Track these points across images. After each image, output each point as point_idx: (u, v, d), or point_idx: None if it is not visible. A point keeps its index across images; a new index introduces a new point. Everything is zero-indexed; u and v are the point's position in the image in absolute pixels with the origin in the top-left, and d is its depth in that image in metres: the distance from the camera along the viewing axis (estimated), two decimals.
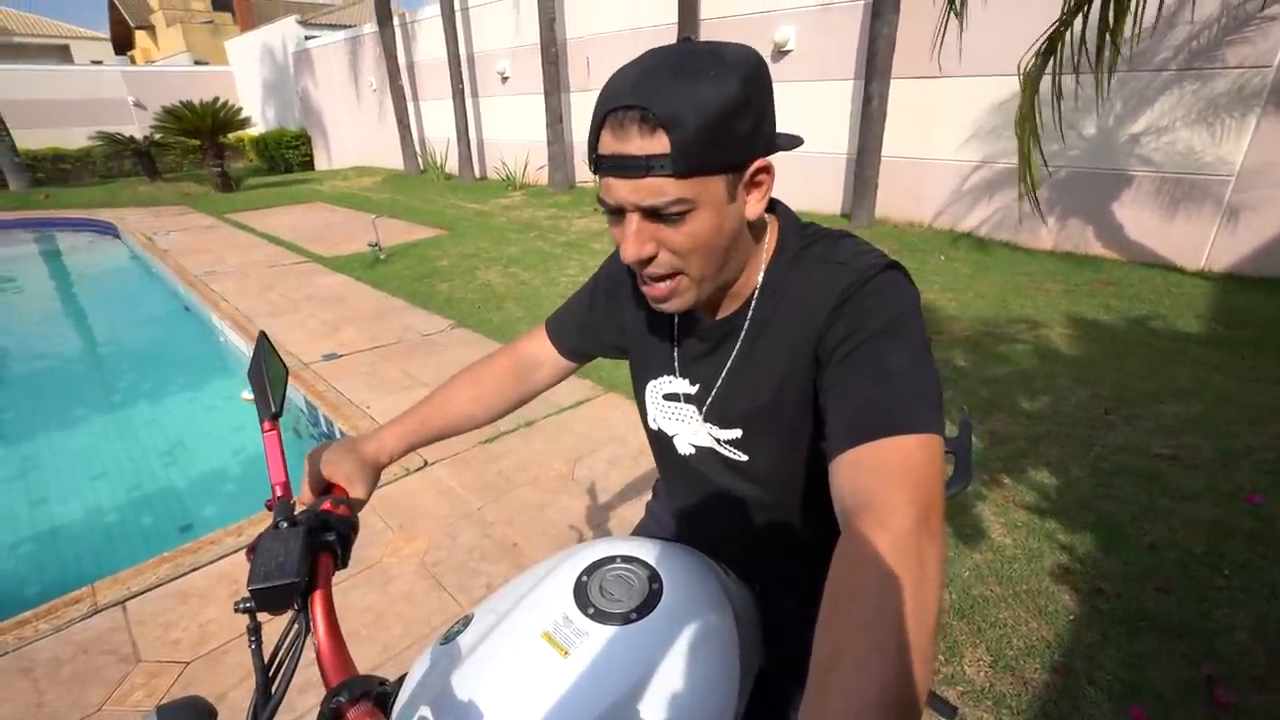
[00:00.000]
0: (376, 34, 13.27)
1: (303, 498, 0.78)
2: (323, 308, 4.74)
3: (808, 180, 7.10)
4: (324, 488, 0.79)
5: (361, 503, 0.79)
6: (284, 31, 17.32)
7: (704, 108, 0.56)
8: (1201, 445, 2.57)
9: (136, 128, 19.63)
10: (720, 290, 0.72)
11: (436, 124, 12.61)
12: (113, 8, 30.51)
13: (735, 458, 0.79)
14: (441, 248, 6.50)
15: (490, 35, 10.68)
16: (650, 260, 0.64)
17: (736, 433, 0.77)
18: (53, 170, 16.69)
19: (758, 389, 0.73)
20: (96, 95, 19.04)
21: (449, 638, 0.73)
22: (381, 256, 5.98)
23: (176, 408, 4.40)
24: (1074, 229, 5.34)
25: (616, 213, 0.63)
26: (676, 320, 0.81)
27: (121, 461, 3.70)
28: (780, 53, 6.89)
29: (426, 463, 2.62)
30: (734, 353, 0.75)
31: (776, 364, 0.71)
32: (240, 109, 12.20)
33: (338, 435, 3.02)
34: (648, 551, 0.76)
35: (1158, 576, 1.91)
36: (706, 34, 7.18)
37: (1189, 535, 2.08)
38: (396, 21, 12.24)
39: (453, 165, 11.91)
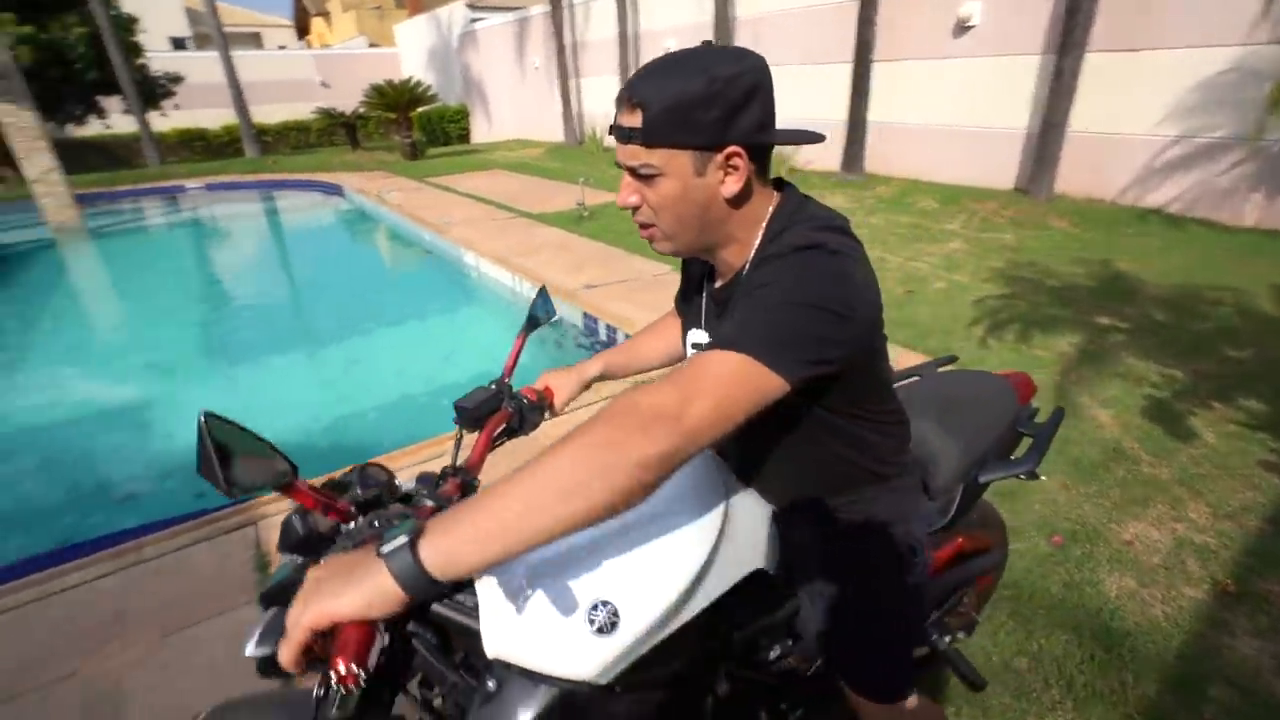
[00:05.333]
0: (543, 15, 14.37)
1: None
2: (557, 253, 5.68)
3: (977, 155, 7.25)
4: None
5: (552, 410, 1.16)
6: (452, 14, 18.92)
7: (667, 96, 0.73)
8: None
9: (322, 104, 22.29)
10: (708, 252, 0.88)
11: (595, 99, 13.55)
12: None
13: None
14: None
15: (657, 14, 11.36)
16: (636, 210, 0.83)
17: None
18: (260, 141, 19.23)
19: None
20: (289, 76, 21.60)
21: None
22: (586, 214, 6.88)
23: (439, 326, 5.51)
24: None
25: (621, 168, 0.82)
26: (706, 284, 0.98)
27: (412, 361, 4.76)
28: (962, 28, 7.05)
29: None
30: (732, 312, 0.87)
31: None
32: (430, 86, 13.71)
33: (619, 339, 3.86)
34: None
35: None
36: (888, 12, 7.44)
37: None
38: (565, 3, 13.20)
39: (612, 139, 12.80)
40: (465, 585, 0.84)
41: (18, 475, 3.59)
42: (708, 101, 0.73)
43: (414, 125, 13.58)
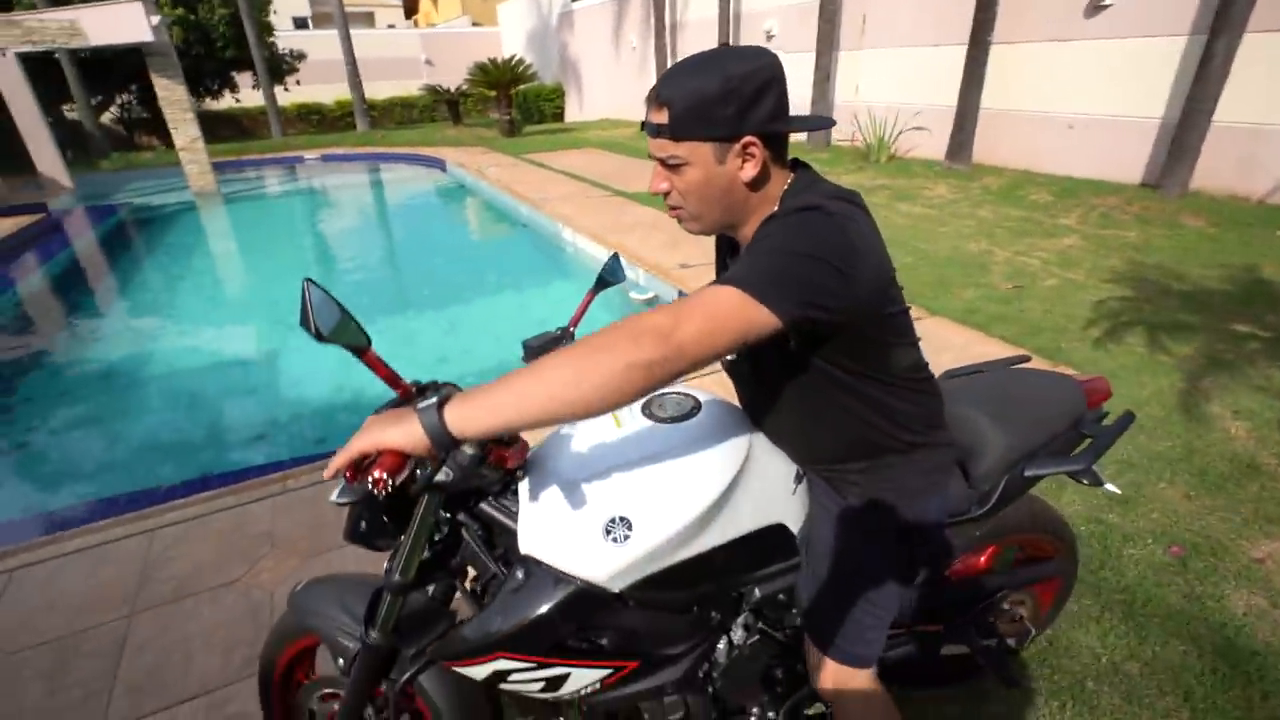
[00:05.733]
0: None
1: None
2: (650, 232, 5.76)
3: (1100, 145, 6.73)
4: None
5: None
6: None
7: (689, 95, 0.82)
8: None
9: (425, 81, 23.18)
10: (731, 229, 0.96)
11: None
12: None
13: (747, 369, 1.05)
14: None
15: None
16: (667, 194, 0.92)
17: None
18: (371, 116, 20.17)
19: None
20: (397, 54, 22.53)
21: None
22: None
23: (535, 296, 5.73)
24: None
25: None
26: (730, 257, 1.07)
27: (508, 327, 4.97)
28: (1096, 7, 6.52)
29: None
30: None
31: None
32: (530, 65, 14.05)
33: None
34: (704, 396, 1.11)
35: None
36: None
37: None
38: None
39: None
40: (511, 491, 1.02)
41: (166, 412, 4.08)
42: (724, 99, 0.81)
43: (512, 103, 13.93)
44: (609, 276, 1.36)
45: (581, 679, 1.00)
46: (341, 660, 1.12)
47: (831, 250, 0.80)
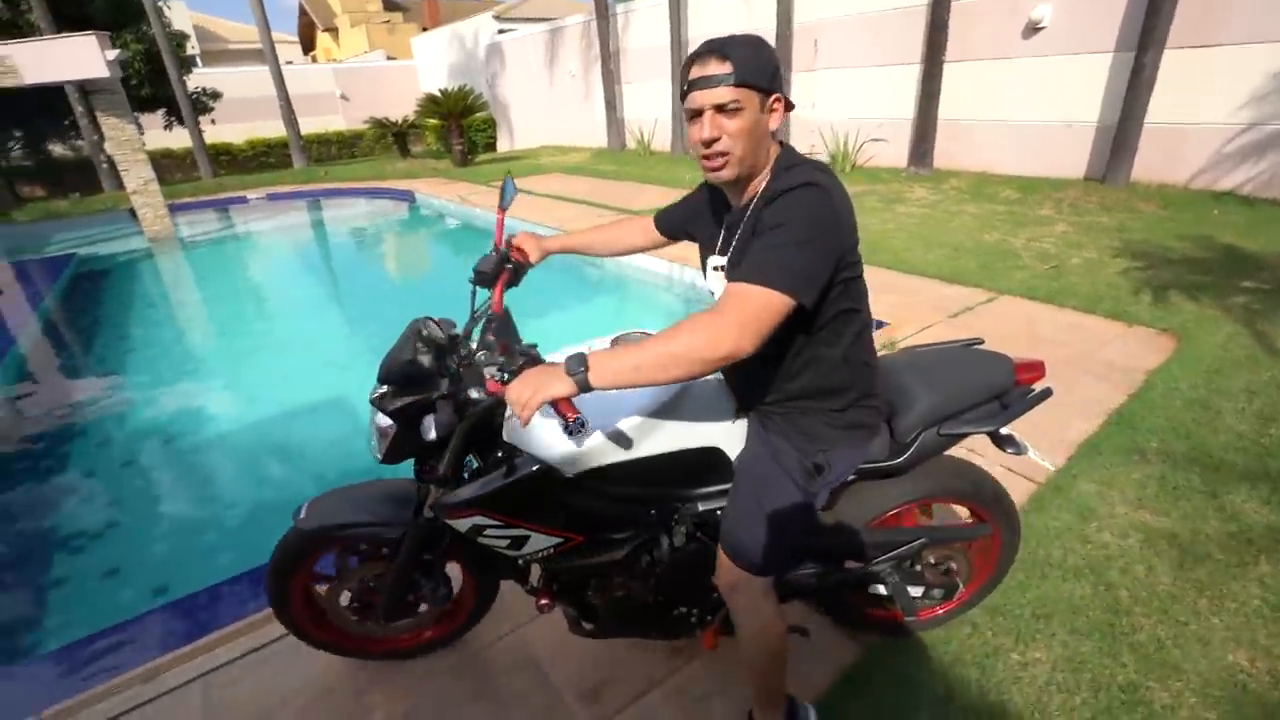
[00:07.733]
0: (580, 25, 14.82)
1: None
2: (690, 247, 6.03)
3: (1045, 148, 7.74)
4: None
5: (530, 265, 1.54)
6: (478, 26, 19.29)
7: (748, 54, 1.06)
8: None
9: (341, 117, 22.45)
10: (749, 178, 1.15)
11: (638, 105, 13.96)
12: (303, 12, 34.43)
13: None
14: None
15: (707, 22, 11.81)
16: (715, 141, 1.09)
17: None
18: (282, 155, 19.40)
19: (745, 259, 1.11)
20: (310, 90, 21.69)
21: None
22: None
23: (585, 315, 5.84)
24: None
25: (697, 115, 1.09)
26: (725, 218, 1.26)
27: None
28: (1033, 29, 7.54)
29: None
30: (739, 236, 1.19)
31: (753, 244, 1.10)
32: (480, 95, 14.05)
33: None
34: None
35: None
36: (959, 15, 7.93)
37: None
38: (610, 12, 13.62)
39: (659, 142, 13.21)
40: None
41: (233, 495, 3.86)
42: (769, 61, 1.08)
43: (464, 133, 13.84)
44: (507, 197, 1.56)
45: (538, 542, 1.32)
46: (384, 549, 1.54)
47: (826, 229, 1.05)
